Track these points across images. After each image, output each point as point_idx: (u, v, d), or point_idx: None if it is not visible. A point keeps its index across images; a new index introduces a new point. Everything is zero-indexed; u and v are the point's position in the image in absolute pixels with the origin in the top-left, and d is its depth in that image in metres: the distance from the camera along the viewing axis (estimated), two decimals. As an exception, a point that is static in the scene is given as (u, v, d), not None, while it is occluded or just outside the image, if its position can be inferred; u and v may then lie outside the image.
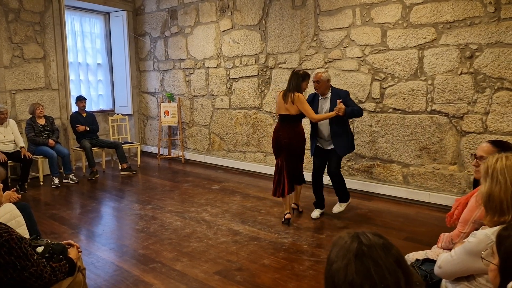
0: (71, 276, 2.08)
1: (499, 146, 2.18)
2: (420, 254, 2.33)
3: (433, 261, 2.10)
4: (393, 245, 0.95)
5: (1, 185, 2.21)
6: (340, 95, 4.17)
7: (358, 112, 4.15)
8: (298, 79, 4.11)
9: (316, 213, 4.40)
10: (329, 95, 4.21)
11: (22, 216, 2.69)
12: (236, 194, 5.32)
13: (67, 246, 2.24)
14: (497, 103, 4.21)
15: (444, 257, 1.83)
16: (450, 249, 2.20)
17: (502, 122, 4.20)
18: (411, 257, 2.34)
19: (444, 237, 2.29)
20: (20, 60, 6.36)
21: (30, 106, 6.10)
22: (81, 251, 2.33)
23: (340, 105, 4.00)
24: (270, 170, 6.19)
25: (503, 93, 4.17)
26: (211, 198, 5.15)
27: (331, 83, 4.26)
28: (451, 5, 4.38)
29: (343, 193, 4.38)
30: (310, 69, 5.60)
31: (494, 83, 4.21)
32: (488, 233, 1.63)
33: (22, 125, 6.14)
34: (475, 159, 2.23)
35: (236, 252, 3.53)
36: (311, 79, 4.25)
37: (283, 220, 4.20)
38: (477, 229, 1.99)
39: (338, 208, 4.43)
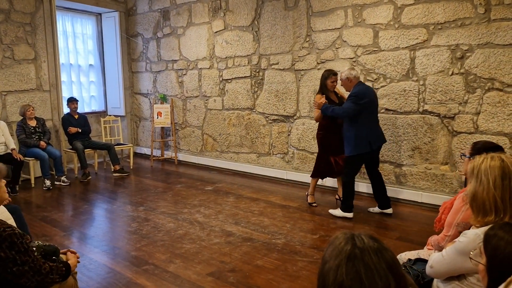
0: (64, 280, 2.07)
1: (474, 145, 2.26)
2: (412, 254, 2.34)
3: (425, 261, 2.11)
4: (388, 249, 0.94)
5: (4, 181, 2.18)
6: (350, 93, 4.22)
7: (335, 112, 4.21)
8: (321, 78, 4.54)
9: (375, 208, 4.54)
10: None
11: (12, 219, 2.67)
12: (229, 195, 5.32)
13: (68, 252, 2.25)
14: (487, 103, 4.25)
15: (435, 257, 1.84)
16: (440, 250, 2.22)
17: (493, 122, 4.24)
18: (404, 256, 2.35)
19: (432, 240, 2.30)
20: (10, 61, 6.30)
21: (20, 108, 6.04)
22: (79, 261, 2.31)
23: (318, 100, 4.34)
24: (263, 171, 6.22)
25: (493, 94, 4.21)
26: (204, 199, 5.14)
27: (359, 81, 4.28)
28: (442, 6, 4.42)
29: (342, 197, 4.38)
30: (302, 69, 5.63)
31: (484, 83, 4.25)
32: (478, 233, 1.64)
33: (13, 127, 6.08)
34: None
35: (229, 253, 3.53)
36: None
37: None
38: (462, 232, 2.01)
39: (335, 210, 4.44)
